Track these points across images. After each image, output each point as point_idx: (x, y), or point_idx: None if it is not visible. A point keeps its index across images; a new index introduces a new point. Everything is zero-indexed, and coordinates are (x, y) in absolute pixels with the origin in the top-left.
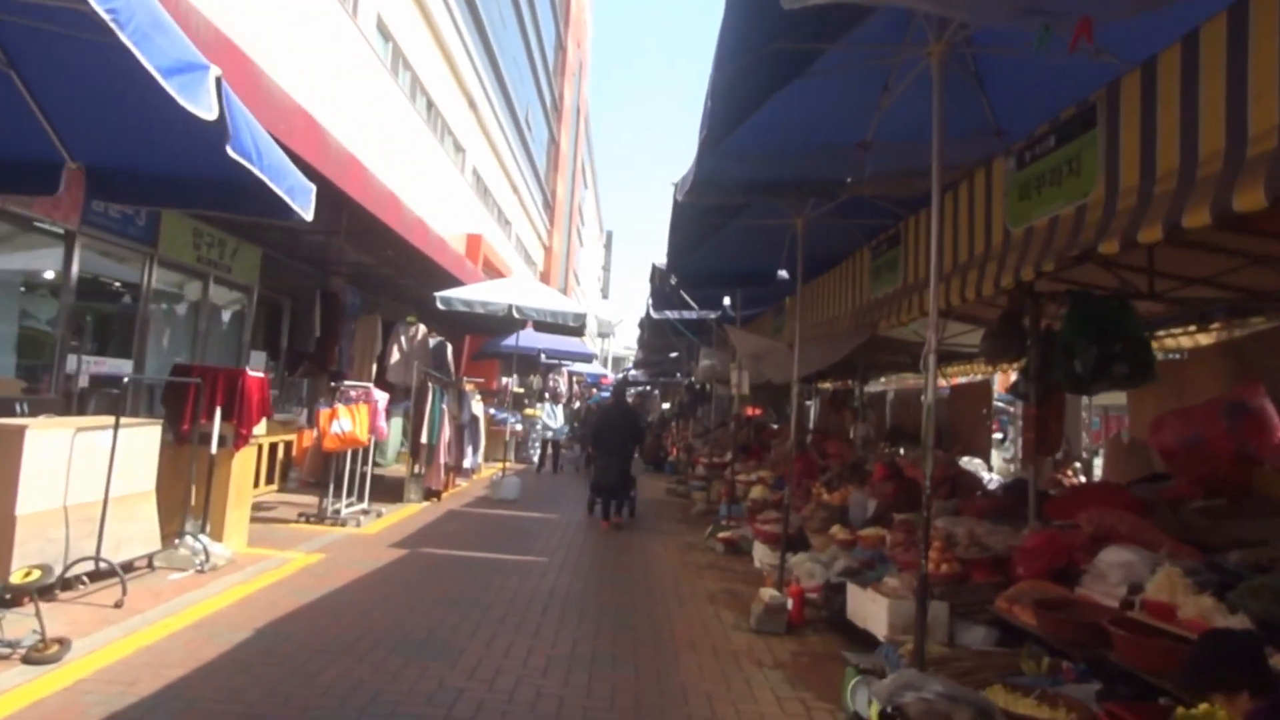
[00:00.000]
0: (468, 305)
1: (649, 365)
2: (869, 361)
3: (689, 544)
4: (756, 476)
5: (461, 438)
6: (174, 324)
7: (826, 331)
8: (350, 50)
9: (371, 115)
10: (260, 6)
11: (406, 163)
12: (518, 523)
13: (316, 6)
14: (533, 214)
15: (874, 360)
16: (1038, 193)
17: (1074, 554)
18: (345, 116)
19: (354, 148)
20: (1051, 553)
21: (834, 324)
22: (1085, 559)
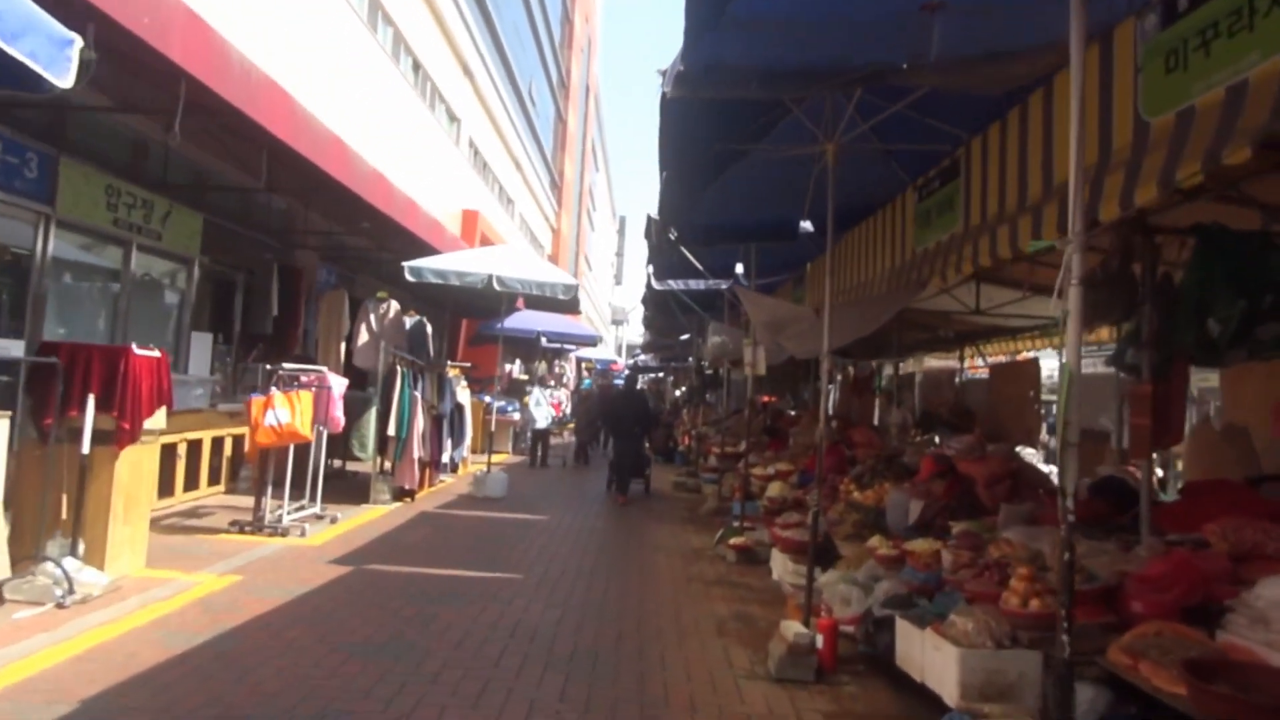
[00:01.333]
0: (441, 276)
1: (658, 349)
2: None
3: (696, 551)
4: (775, 470)
5: (440, 429)
6: (84, 300)
7: (860, 297)
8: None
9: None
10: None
11: (384, 126)
12: (497, 527)
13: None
14: (539, 194)
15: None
16: (1202, 53)
17: (1211, 584)
18: (305, 68)
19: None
20: (1186, 583)
21: (868, 287)
22: (1227, 591)
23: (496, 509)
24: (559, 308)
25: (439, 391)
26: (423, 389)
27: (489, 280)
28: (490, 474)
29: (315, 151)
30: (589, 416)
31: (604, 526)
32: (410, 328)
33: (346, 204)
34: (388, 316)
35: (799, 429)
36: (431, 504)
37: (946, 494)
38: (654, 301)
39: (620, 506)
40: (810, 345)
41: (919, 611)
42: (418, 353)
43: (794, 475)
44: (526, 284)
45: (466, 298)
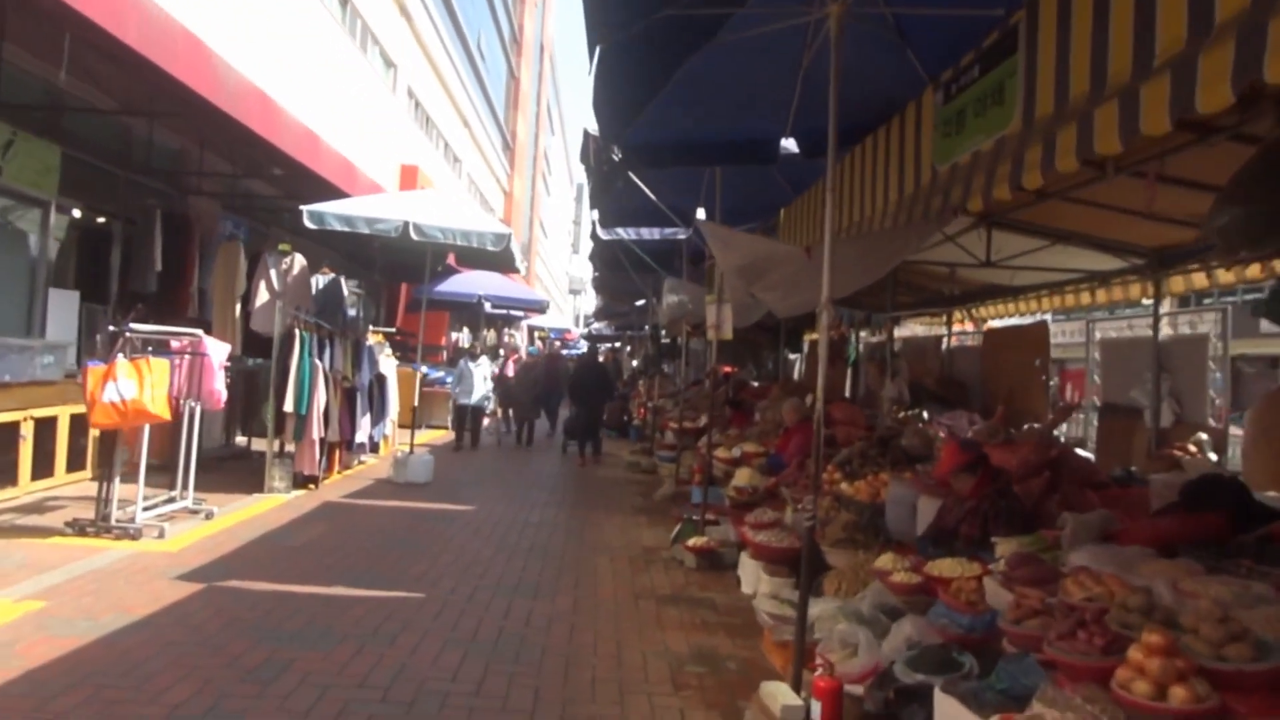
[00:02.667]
0: (347, 223)
1: (612, 316)
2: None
3: (648, 552)
4: (740, 452)
5: (353, 404)
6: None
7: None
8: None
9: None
10: None
11: (303, 63)
12: (412, 522)
13: None
14: (489, 154)
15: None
16: None
17: None
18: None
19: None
20: None
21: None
22: None
23: (416, 498)
24: (493, 263)
25: (354, 361)
26: (331, 357)
27: (405, 228)
28: (412, 456)
29: (169, 59)
30: (534, 389)
31: (540, 520)
32: (324, 286)
33: (243, 141)
34: (291, 273)
35: (766, 403)
36: (339, 492)
37: (976, 493)
38: (603, 257)
39: (569, 485)
40: (797, 297)
41: (972, 687)
42: (330, 315)
43: (762, 459)
44: (449, 232)
45: (398, 256)
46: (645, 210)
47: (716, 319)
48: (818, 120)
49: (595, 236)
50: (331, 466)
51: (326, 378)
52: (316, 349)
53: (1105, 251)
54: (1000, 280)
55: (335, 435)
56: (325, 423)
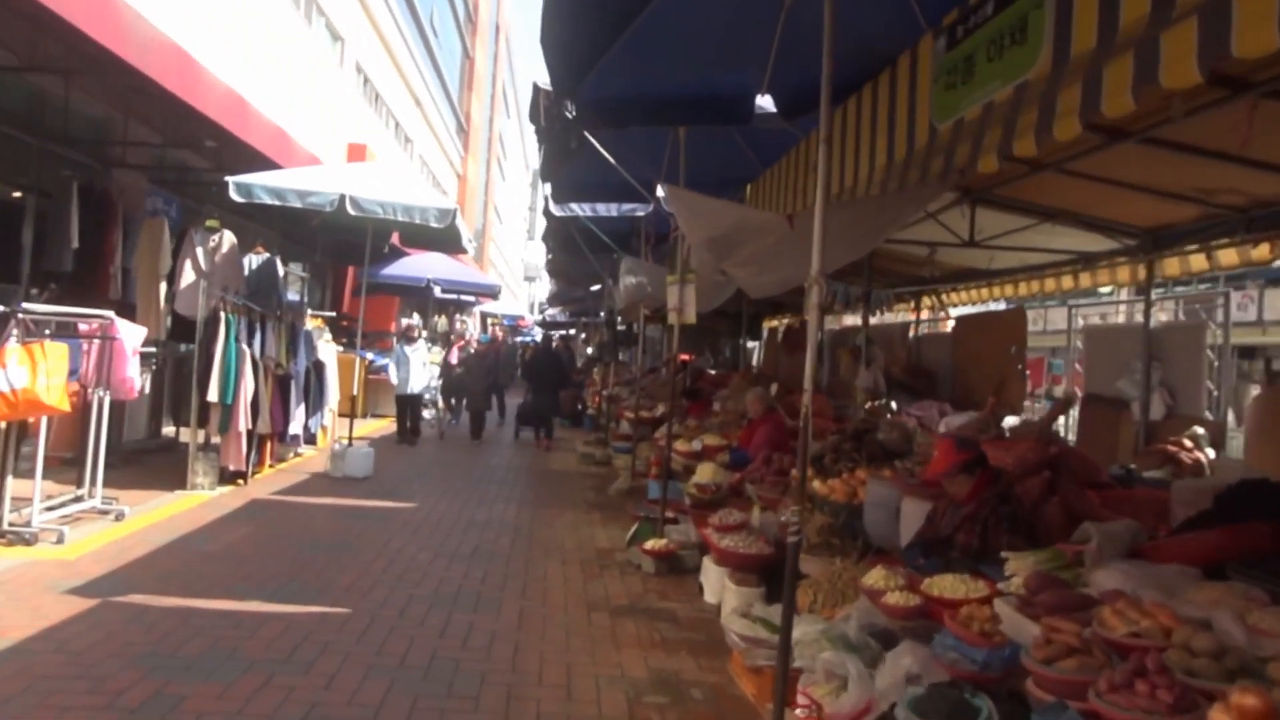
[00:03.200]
0: (277, 196)
1: (567, 301)
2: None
3: (602, 554)
4: (701, 445)
5: (287, 393)
6: None
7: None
8: None
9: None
10: None
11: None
12: (347, 522)
13: None
14: (442, 135)
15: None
16: None
17: None
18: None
19: None
20: None
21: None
22: None
23: (354, 494)
24: (439, 244)
25: (290, 346)
26: (263, 343)
27: (341, 201)
28: (351, 449)
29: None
30: (487, 378)
31: (486, 518)
32: (258, 267)
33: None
34: (219, 251)
35: (727, 392)
36: (269, 489)
37: (973, 497)
38: (557, 237)
39: (518, 478)
40: (774, 273)
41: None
42: (264, 298)
43: (724, 452)
44: (390, 207)
45: (340, 236)
46: (602, 184)
47: (679, 301)
48: (798, 75)
49: (548, 213)
50: (262, 460)
51: (256, 365)
52: (245, 334)
53: (1095, 231)
54: (979, 264)
55: (266, 427)
56: (254, 414)
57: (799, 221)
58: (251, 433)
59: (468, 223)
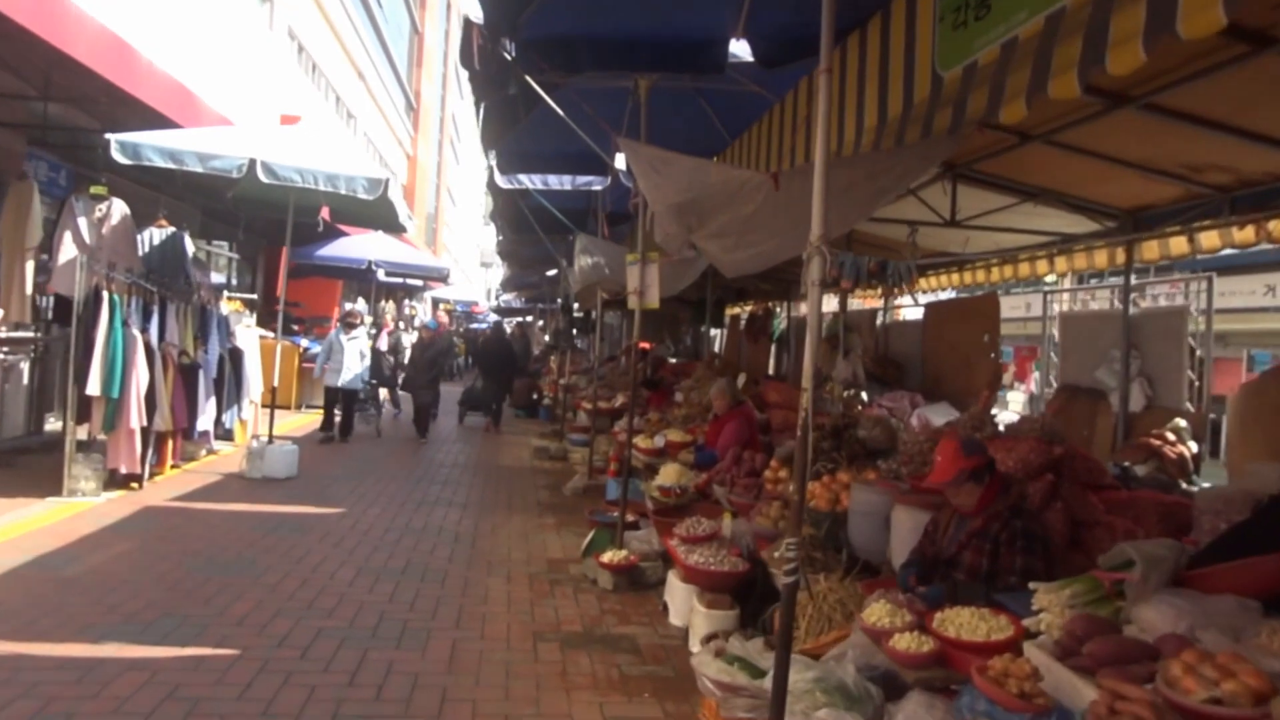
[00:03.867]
0: (172, 158)
1: (522, 287)
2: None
3: (554, 567)
4: (664, 441)
5: (194, 385)
6: None
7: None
8: None
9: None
10: None
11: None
12: (256, 534)
13: None
14: (389, 113)
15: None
16: None
17: None
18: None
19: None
20: None
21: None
22: None
23: (271, 499)
24: (375, 221)
25: (200, 332)
26: (161, 327)
27: (251, 167)
28: (271, 447)
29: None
30: (433, 369)
31: (424, 525)
32: (160, 243)
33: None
34: (108, 222)
35: (690, 382)
36: (168, 494)
37: (981, 509)
38: (506, 215)
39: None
40: (754, 247)
41: None
42: (170, 277)
43: (689, 449)
44: (309, 174)
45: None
46: (555, 153)
47: (639, 283)
48: (780, 13)
49: (494, 185)
50: (162, 461)
51: (151, 352)
52: (138, 317)
53: (1077, 212)
54: (953, 247)
55: (166, 423)
56: (149, 408)
57: (787, 182)
58: (147, 430)
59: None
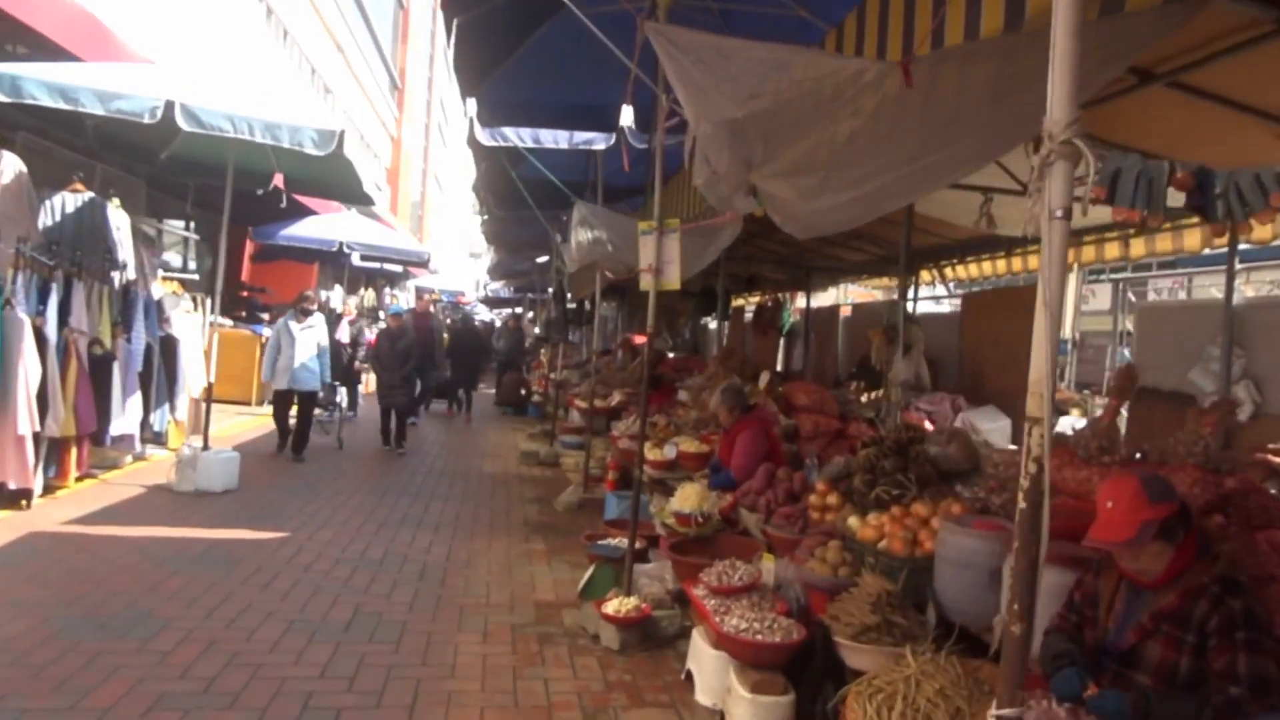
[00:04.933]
0: (63, 97)
1: (511, 275)
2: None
3: (543, 615)
4: (675, 451)
5: (107, 380)
6: None
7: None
8: None
9: None
10: None
11: None
12: (161, 573)
13: None
14: (371, 91)
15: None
16: None
17: None
18: None
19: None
20: None
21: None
22: None
23: (197, 519)
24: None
25: (123, 316)
26: (65, 309)
27: (167, 110)
28: (207, 454)
29: None
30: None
31: (384, 554)
32: (75, 210)
33: None
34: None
35: (701, 380)
36: (68, 513)
37: (1171, 575)
38: (491, 183)
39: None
40: (863, 186)
41: None
42: (88, 252)
43: (705, 461)
44: (242, 122)
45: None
46: (548, 103)
47: (655, 258)
48: None
49: (474, 142)
50: (64, 472)
51: (44, 340)
52: (31, 297)
53: None
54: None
55: (68, 426)
56: (41, 408)
57: (930, 73)
58: (39, 435)
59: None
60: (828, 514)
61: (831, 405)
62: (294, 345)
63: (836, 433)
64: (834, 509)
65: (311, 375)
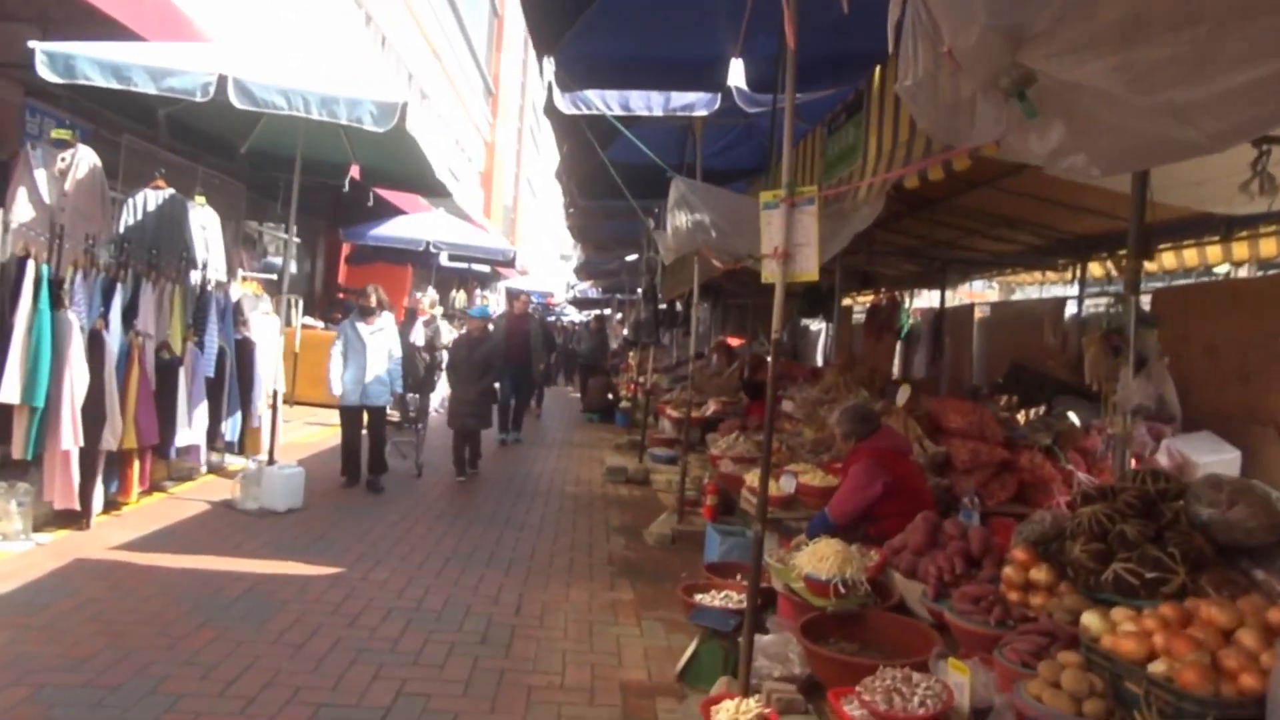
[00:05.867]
0: (115, 75)
1: (599, 275)
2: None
3: (632, 705)
4: (795, 484)
5: (172, 388)
6: None
7: None
8: None
9: None
10: None
11: None
12: (191, 627)
13: None
14: (466, 96)
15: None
16: None
17: None
18: None
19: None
20: None
21: None
22: None
23: (251, 546)
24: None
25: (197, 319)
26: (131, 311)
27: (219, 86)
28: (271, 469)
29: None
30: (484, 377)
31: (442, 604)
32: (155, 208)
33: None
34: (73, 175)
35: (818, 392)
36: (123, 536)
37: None
38: (574, 167)
39: (516, 509)
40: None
41: None
42: (165, 250)
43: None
44: (296, 96)
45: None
46: (641, 61)
47: (784, 240)
48: None
49: (552, 111)
50: (128, 488)
51: (101, 344)
52: (94, 297)
53: None
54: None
55: (121, 439)
56: (90, 419)
57: None
58: (93, 450)
59: (496, 195)
60: (1032, 595)
61: (994, 429)
62: (365, 352)
63: (1002, 464)
64: (1043, 589)
65: (384, 388)
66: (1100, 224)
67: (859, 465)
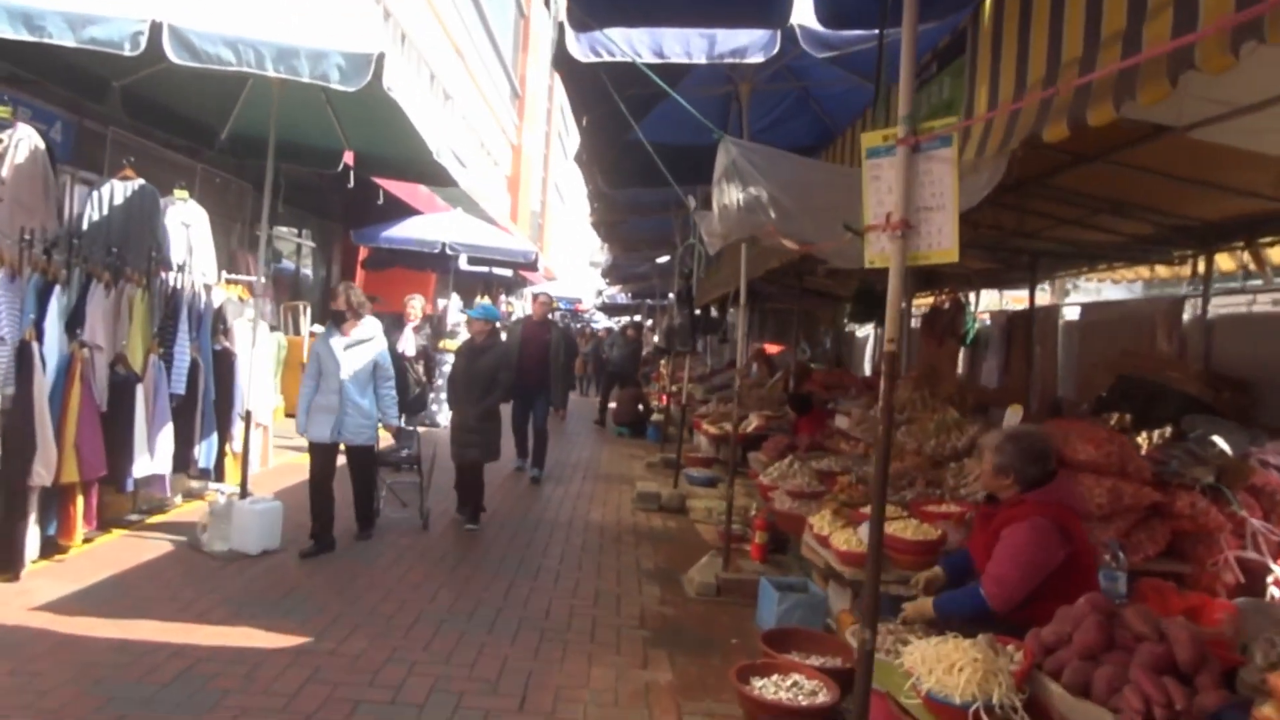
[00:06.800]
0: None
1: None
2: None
3: None
4: (910, 534)
5: (128, 409)
6: None
7: None
8: None
9: None
10: None
11: None
12: (141, 700)
13: None
14: (492, 98)
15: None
16: None
17: None
18: None
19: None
20: None
21: None
22: None
23: (207, 605)
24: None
25: (166, 327)
26: (74, 318)
27: (152, 35)
28: (242, 505)
29: None
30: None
31: (427, 691)
32: (124, 201)
33: None
34: (10, 160)
35: (909, 417)
36: (60, 588)
37: None
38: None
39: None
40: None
41: None
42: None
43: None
44: (246, 47)
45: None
46: None
47: (903, 205)
48: None
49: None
50: (69, 530)
51: (28, 357)
52: (28, 301)
53: None
54: None
55: (57, 472)
56: (27, 451)
57: None
58: (20, 487)
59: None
60: None
61: (1139, 463)
62: (339, 371)
63: (1150, 509)
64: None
65: (368, 421)
66: (1238, 205)
67: (1028, 526)
